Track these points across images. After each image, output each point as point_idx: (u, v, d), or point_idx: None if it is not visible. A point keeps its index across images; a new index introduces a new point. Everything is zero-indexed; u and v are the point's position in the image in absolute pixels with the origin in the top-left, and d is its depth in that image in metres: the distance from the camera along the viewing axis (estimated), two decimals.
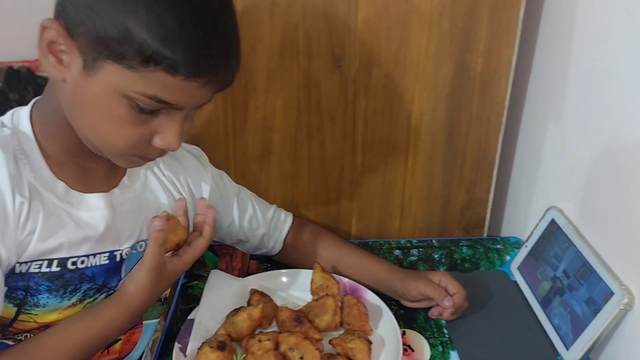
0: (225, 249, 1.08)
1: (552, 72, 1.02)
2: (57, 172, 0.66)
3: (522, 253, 1.01)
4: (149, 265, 0.67)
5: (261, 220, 0.94)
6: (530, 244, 0.99)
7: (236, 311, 0.85)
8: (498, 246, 1.11)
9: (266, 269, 1.00)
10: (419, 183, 1.13)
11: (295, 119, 1.04)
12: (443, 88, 1.04)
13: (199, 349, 0.79)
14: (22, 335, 0.69)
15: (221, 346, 0.79)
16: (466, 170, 1.13)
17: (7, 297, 0.65)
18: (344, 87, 1.02)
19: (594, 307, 0.80)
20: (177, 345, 0.80)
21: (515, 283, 0.99)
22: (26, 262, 0.65)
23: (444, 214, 1.17)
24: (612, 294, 0.77)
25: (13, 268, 0.64)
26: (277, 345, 0.80)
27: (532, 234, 1.00)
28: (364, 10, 0.96)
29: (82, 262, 0.69)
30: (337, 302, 0.87)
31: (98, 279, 0.71)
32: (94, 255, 0.70)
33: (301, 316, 0.84)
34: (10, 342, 0.70)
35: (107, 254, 0.72)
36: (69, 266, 0.68)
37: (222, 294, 0.90)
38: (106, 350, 0.79)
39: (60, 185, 0.67)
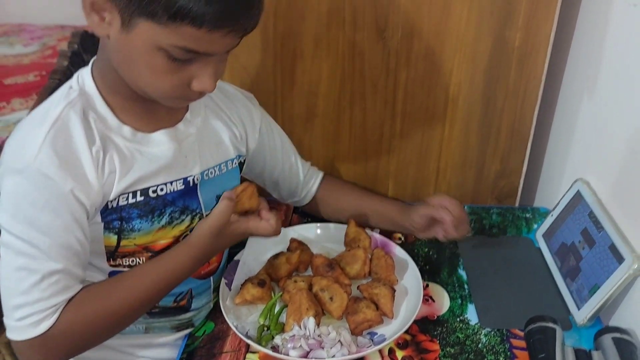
0: (271, 204, 1.18)
1: (589, 49, 1.05)
2: (122, 119, 0.77)
3: (548, 221, 1.06)
4: (211, 223, 0.78)
5: (299, 170, 1.04)
6: (555, 213, 1.04)
7: (276, 255, 0.95)
8: (527, 215, 1.16)
9: (306, 222, 1.10)
10: (454, 151, 1.19)
11: (339, 85, 1.12)
12: (481, 61, 1.08)
13: (242, 284, 0.91)
14: (129, 259, 0.81)
15: (261, 283, 0.90)
16: (501, 141, 1.17)
17: (107, 228, 0.77)
18: (386, 56, 1.09)
19: (607, 272, 0.85)
20: (223, 281, 0.92)
21: (539, 250, 1.05)
22: (115, 198, 0.76)
23: (478, 182, 1.23)
24: (623, 259, 0.83)
25: (106, 205, 0.76)
26: (310, 287, 0.90)
27: (558, 203, 1.05)
28: None
29: (161, 189, 0.79)
30: (368, 254, 0.96)
31: (178, 202, 0.82)
32: (170, 182, 0.80)
33: (333, 263, 0.93)
34: (120, 269, 0.81)
35: (182, 180, 0.81)
36: (151, 194, 0.79)
37: (265, 240, 1.00)
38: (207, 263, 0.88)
39: (126, 129, 0.76)
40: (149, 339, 0.90)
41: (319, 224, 1.06)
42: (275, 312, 0.88)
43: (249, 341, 0.81)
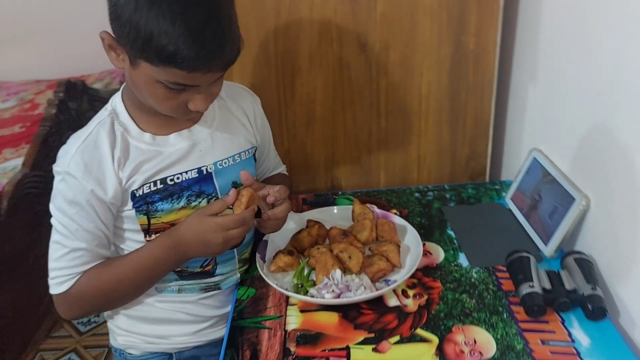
0: None
1: (529, 46, 1.31)
2: (143, 127, 0.95)
3: (513, 187, 1.29)
4: (202, 211, 0.93)
5: (275, 168, 1.23)
6: (518, 178, 1.28)
7: (299, 232, 1.15)
8: (497, 187, 1.40)
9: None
10: (430, 141, 1.42)
11: (332, 94, 1.35)
12: (445, 64, 1.33)
13: (274, 256, 1.10)
14: None
15: (290, 252, 1.10)
16: (467, 129, 1.42)
17: (138, 211, 0.96)
18: (368, 67, 1.32)
19: (563, 212, 1.08)
20: (258, 255, 1.11)
21: (510, 210, 1.28)
22: (139, 187, 0.95)
23: (452, 165, 1.46)
24: (574, 200, 1.06)
25: (133, 194, 0.95)
26: (330, 252, 1.10)
27: (519, 171, 1.28)
28: (381, 6, 1.26)
29: (178, 178, 0.97)
30: (373, 222, 1.17)
31: (194, 187, 0.98)
32: (185, 172, 0.97)
33: (347, 232, 1.14)
34: None
35: (196, 170, 0.98)
36: (168, 182, 0.96)
37: (287, 222, 1.20)
38: None
39: (147, 135, 0.95)
40: (181, 297, 1.07)
41: (325, 208, 1.26)
42: (305, 273, 1.07)
43: (289, 293, 1.00)
